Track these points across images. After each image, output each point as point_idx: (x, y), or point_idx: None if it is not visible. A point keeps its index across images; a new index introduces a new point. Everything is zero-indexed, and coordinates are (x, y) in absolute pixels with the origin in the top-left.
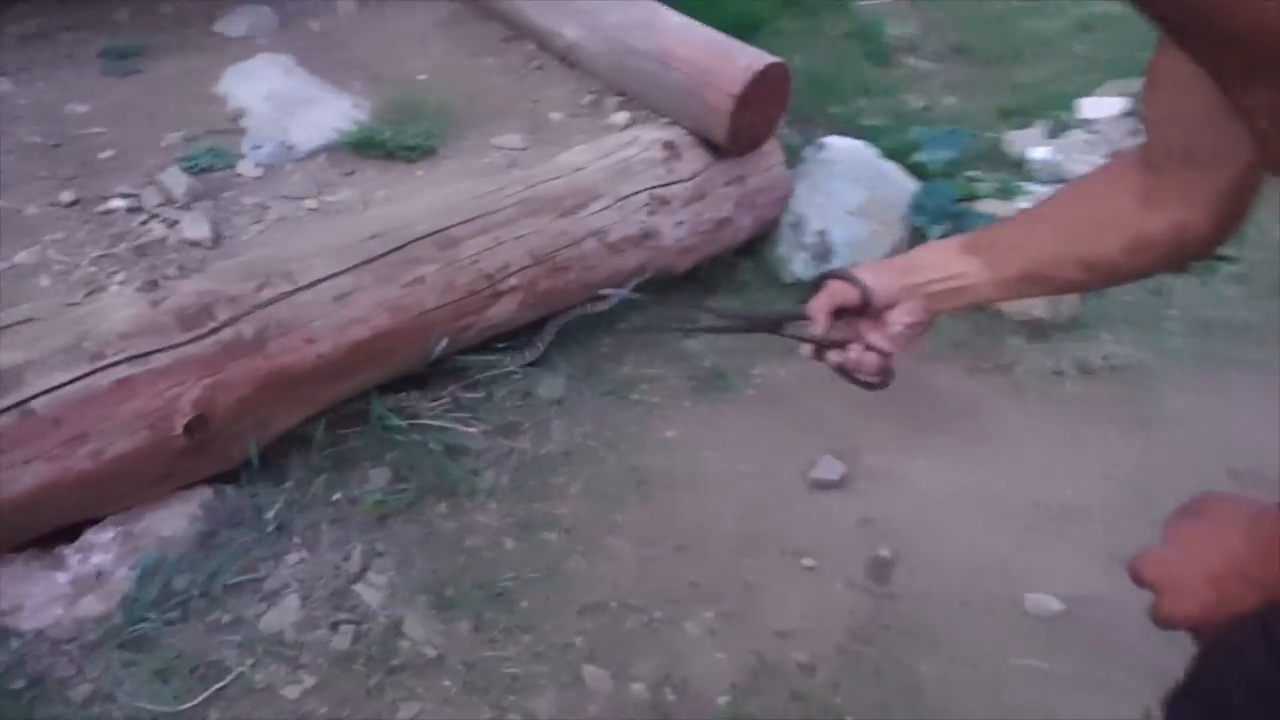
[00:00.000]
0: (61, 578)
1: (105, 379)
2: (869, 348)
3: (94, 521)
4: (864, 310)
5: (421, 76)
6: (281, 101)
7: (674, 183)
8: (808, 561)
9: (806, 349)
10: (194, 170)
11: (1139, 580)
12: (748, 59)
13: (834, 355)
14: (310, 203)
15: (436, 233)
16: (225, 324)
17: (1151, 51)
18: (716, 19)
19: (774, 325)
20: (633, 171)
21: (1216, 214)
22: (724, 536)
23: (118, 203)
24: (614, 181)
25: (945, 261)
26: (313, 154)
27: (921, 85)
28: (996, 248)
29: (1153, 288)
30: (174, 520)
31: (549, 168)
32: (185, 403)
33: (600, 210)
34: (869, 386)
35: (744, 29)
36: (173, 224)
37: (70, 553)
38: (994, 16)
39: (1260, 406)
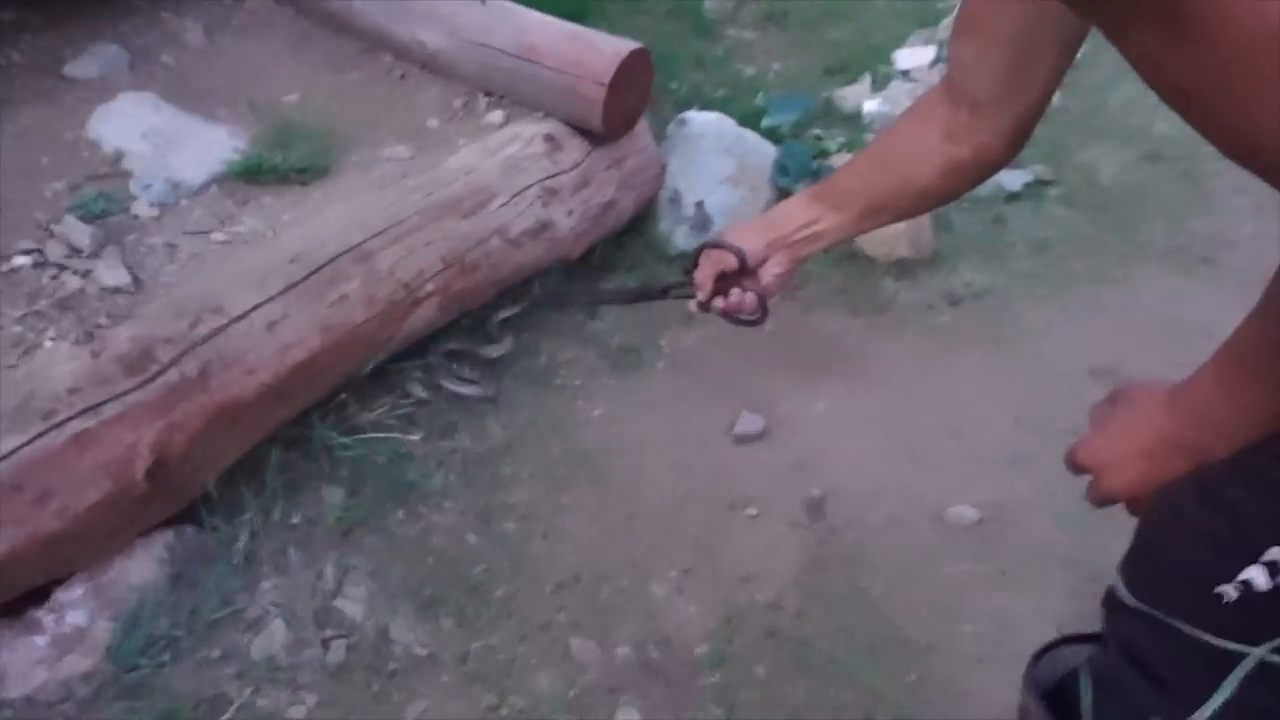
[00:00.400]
0: (40, 640)
1: (61, 436)
2: (746, 289)
3: (59, 581)
4: (742, 270)
5: (290, 98)
6: (159, 139)
7: (560, 173)
8: (750, 510)
9: (692, 304)
10: (89, 218)
11: (1076, 467)
12: (613, 47)
13: (718, 301)
14: (218, 235)
15: (351, 249)
16: (168, 365)
17: (938, 2)
18: (545, 8)
19: (664, 292)
20: (521, 167)
21: (1011, 139)
22: (669, 500)
23: (21, 259)
24: (506, 178)
25: (798, 214)
26: (204, 188)
27: (747, 54)
28: (838, 193)
29: (993, 217)
30: (142, 567)
31: (442, 173)
32: (143, 448)
33: (498, 208)
34: (751, 323)
35: (574, 16)
36: (86, 274)
37: (43, 614)
38: None
39: (1104, 311)
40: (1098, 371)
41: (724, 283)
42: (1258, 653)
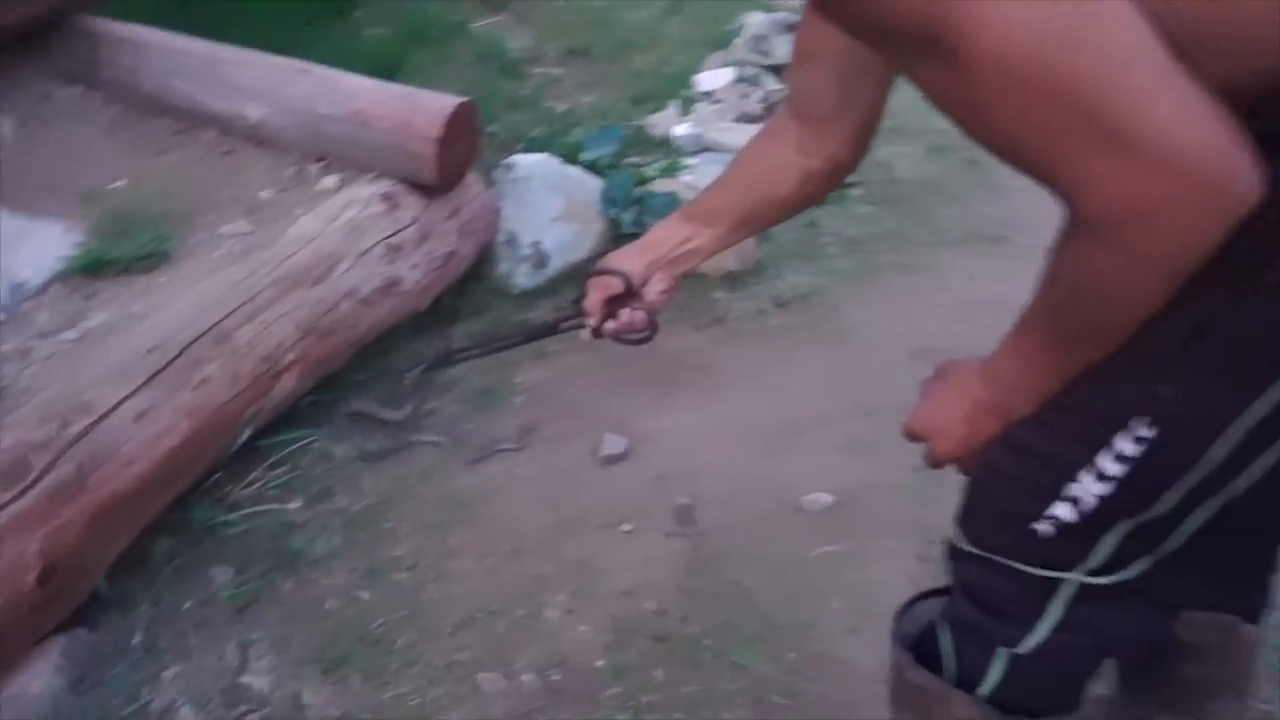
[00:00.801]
0: None
1: None
2: (634, 309)
3: None
4: (628, 292)
5: (116, 185)
6: None
7: (401, 230)
8: (625, 527)
9: (585, 333)
10: None
11: (911, 436)
12: (438, 104)
13: (609, 324)
14: (69, 334)
15: (208, 331)
16: (45, 471)
17: (726, 25)
18: (359, 66)
19: (555, 326)
20: (362, 228)
21: (856, 145)
22: (547, 528)
23: None
24: (349, 241)
25: (673, 234)
26: (45, 287)
27: (556, 90)
28: (708, 212)
29: (806, 222)
30: (40, 677)
31: (286, 243)
32: (31, 557)
33: (346, 271)
34: (641, 341)
35: (388, 70)
36: None
37: None
38: (594, 15)
39: (915, 297)
40: (917, 354)
41: (612, 306)
42: (1072, 577)
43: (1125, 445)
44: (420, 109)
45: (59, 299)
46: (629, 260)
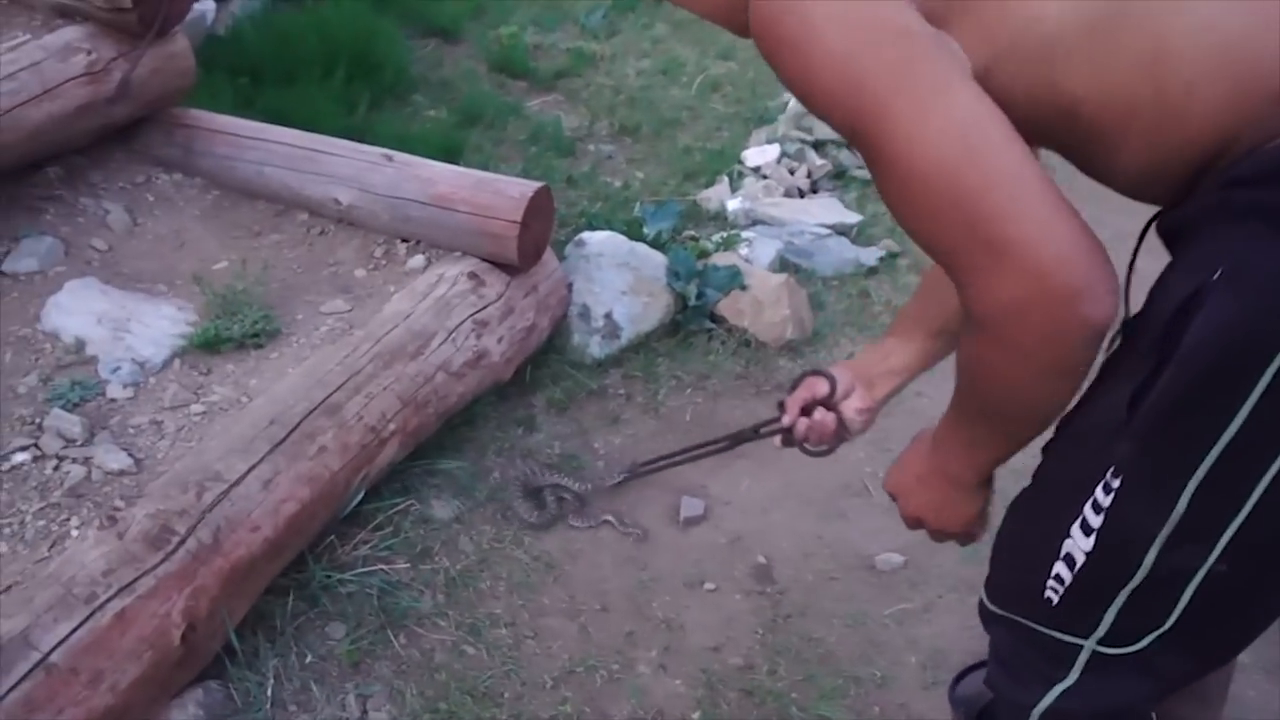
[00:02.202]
0: None
1: (104, 617)
2: (828, 412)
3: None
4: (828, 401)
5: (219, 265)
6: (113, 322)
7: (487, 305)
8: (708, 585)
9: (777, 440)
10: (69, 407)
11: (888, 492)
12: (519, 189)
13: (802, 422)
14: (196, 407)
15: (321, 404)
16: (186, 535)
17: (767, 101)
18: (424, 149)
19: (756, 431)
20: (451, 305)
21: None
22: (632, 587)
23: (20, 456)
24: (440, 318)
25: (877, 350)
26: (167, 363)
27: (609, 167)
28: (904, 326)
29: (858, 291)
30: None
31: (383, 320)
32: (176, 616)
33: (439, 346)
34: (820, 454)
35: (452, 151)
36: (85, 460)
37: None
38: (639, 94)
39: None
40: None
41: (811, 409)
42: (1086, 643)
43: (1101, 496)
44: (500, 194)
45: (181, 374)
46: (840, 370)
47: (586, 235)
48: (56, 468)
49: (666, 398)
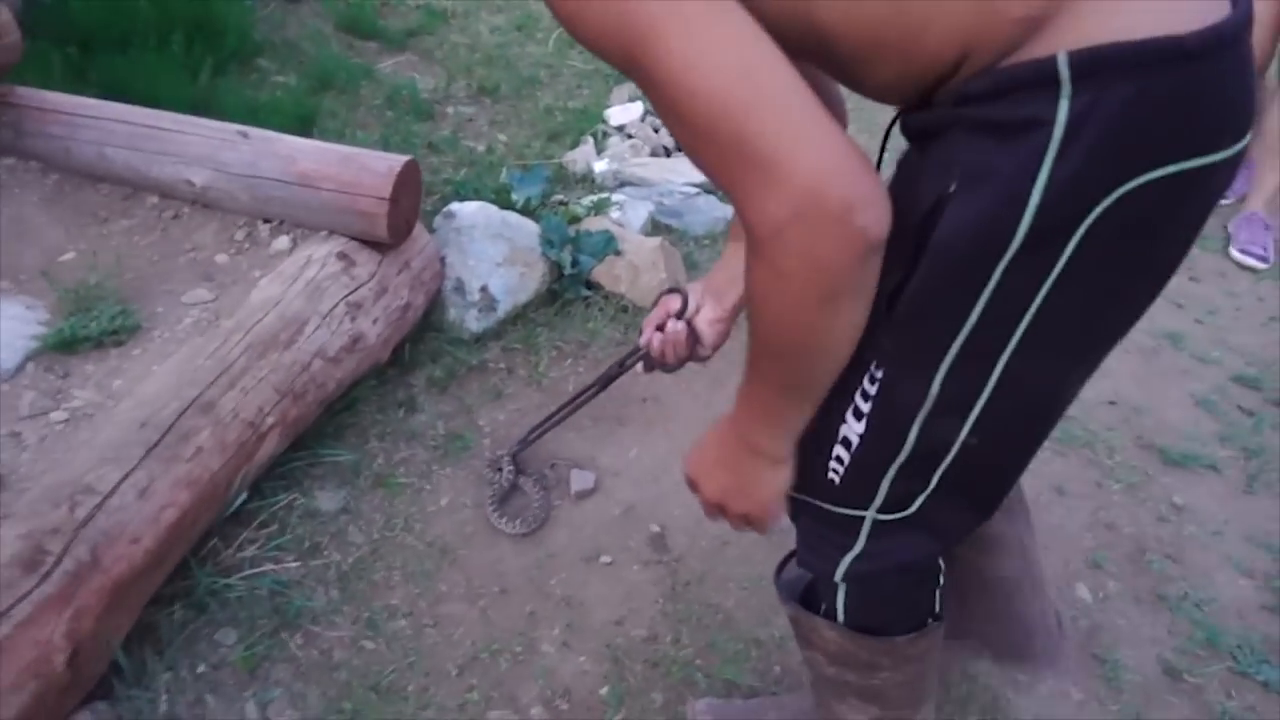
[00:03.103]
0: None
1: None
2: (678, 324)
3: None
4: (682, 313)
5: (66, 257)
6: None
7: (359, 287)
8: (605, 559)
9: (641, 367)
10: None
11: (687, 478)
12: (385, 164)
13: (655, 339)
14: (58, 414)
15: (193, 402)
16: (61, 554)
17: None
18: (277, 119)
19: (620, 366)
20: (323, 288)
21: None
22: (530, 566)
23: None
24: (312, 302)
25: (721, 261)
26: (20, 368)
27: (470, 130)
28: (734, 234)
29: None
30: None
31: (251, 309)
32: (59, 641)
33: (313, 332)
34: (673, 368)
35: (305, 120)
36: None
37: None
38: (494, 52)
39: None
40: None
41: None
42: (867, 514)
43: (868, 385)
44: (367, 170)
45: (36, 380)
46: (692, 286)
47: (456, 207)
48: None
49: (548, 368)
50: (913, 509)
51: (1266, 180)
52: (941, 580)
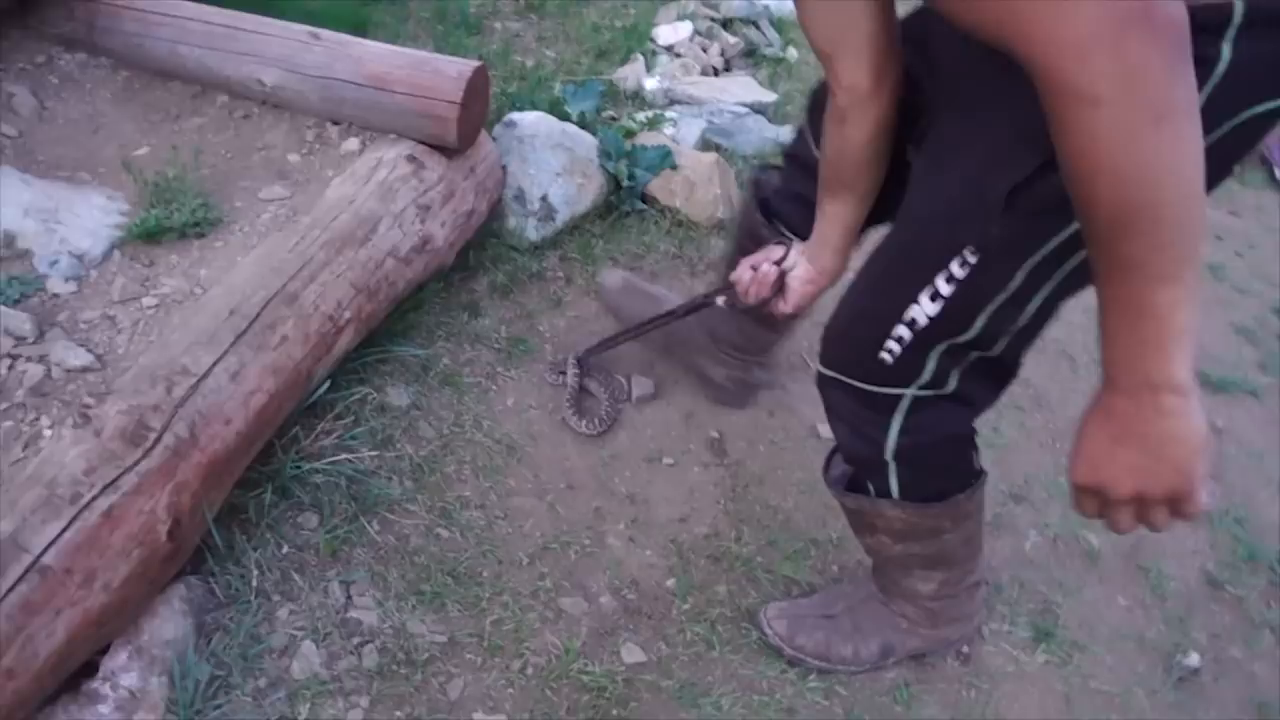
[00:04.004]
0: (104, 709)
1: (92, 516)
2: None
3: (100, 651)
4: (781, 261)
5: (139, 151)
6: (41, 213)
7: (428, 190)
8: (667, 460)
9: (721, 300)
10: (10, 303)
11: (1084, 496)
12: (456, 69)
13: (747, 277)
14: (148, 300)
15: (278, 293)
16: (163, 431)
17: None
18: (330, 27)
19: (706, 299)
20: (394, 190)
21: (871, 71)
22: (595, 465)
23: None
24: (384, 203)
25: (816, 227)
26: (107, 255)
27: (518, 45)
28: (834, 189)
29: None
30: (169, 622)
31: (328, 206)
32: (161, 512)
33: (386, 231)
34: (752, 308)
35: (359, 32)
36: (41, 358)
37: (99, 685)
38: None
39: None
40: None
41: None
42: (908, 392)
43: (956, 268)
44: (439, 74)
45: (124, 267)
46: (797, 244)
47: (516, 116)
48: (11, 367)
49: None
50: (950, 386)
51: None
52: (976, 440)
